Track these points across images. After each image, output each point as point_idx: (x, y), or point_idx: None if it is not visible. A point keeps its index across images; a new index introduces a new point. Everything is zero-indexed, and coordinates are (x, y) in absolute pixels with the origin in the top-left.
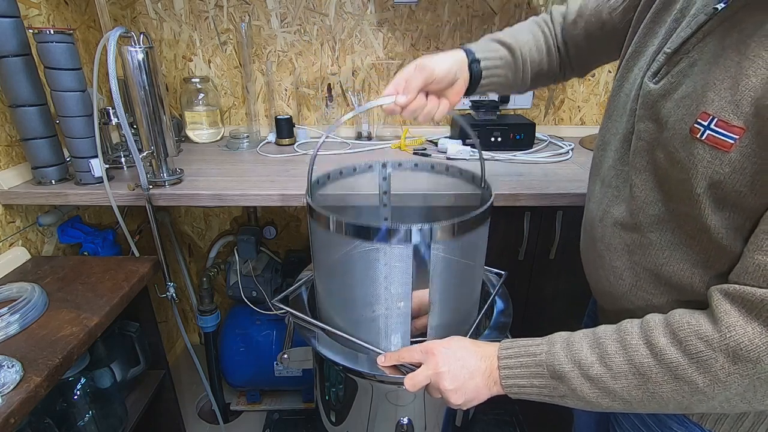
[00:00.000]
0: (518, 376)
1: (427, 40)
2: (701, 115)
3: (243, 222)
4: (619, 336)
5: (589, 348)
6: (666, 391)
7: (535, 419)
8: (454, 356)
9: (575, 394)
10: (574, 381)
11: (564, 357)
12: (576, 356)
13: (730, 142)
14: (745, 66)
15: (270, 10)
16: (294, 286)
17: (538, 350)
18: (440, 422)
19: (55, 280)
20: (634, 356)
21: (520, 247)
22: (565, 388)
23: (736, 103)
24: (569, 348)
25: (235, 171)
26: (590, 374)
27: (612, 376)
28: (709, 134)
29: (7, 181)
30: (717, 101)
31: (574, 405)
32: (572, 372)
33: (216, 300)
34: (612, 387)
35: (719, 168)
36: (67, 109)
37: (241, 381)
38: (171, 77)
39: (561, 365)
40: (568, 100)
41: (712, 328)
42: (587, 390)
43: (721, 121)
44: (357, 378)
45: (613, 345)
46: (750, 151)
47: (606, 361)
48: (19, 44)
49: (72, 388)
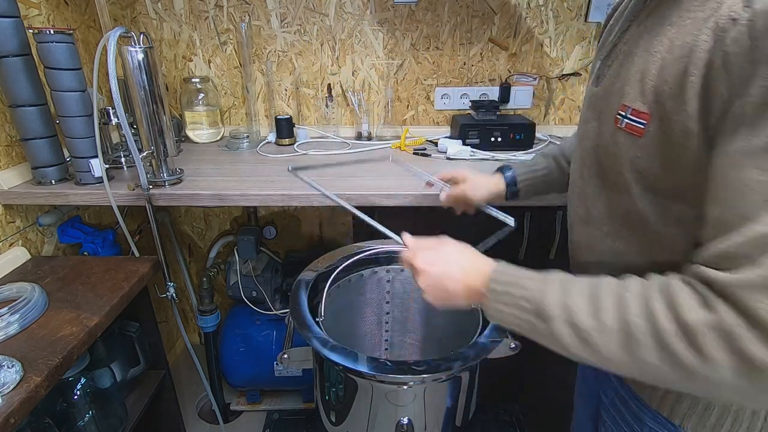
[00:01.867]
0: (502, 302)
1: (427, 40)
2: (621, 106)
3: (243, 222)
4: (618, 290)
5: (584, 296)
6: (649, 357)
7: (535, 419)
8: (444, 261)
9: (553, 337)
10: (555, 323)
11: (554, 300)
12: (568, 300)
13: (640, 127)
14: (649, 60)
15: (270, 10)
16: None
17: (530, 285)
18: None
19: (55, 280)
20: (627, 313)
21: (520, 247)
22: (545, 328)
23: (643, 92)
24: (564, 290)
25: (235, 171)
26: (575, 321)
27: (599, 329)
28: (627, 123)
29: (7, 181)
30: (631, 93)
31: (550, 346)
32: (559, 315)
33: (216, 300)
34: (594, 340)
35: (636, 152)
36: (67, 109)
37: (241, 381)
38: (171, 77)
39: (549, 307)
40: (568, 100)
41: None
42: (566, 336)
43: (634, 110)
44: (357, 378)
45: (609, 298)
46: (656, 135)
47: (598, 314)
48: (19, 44)
49: (72, 388)
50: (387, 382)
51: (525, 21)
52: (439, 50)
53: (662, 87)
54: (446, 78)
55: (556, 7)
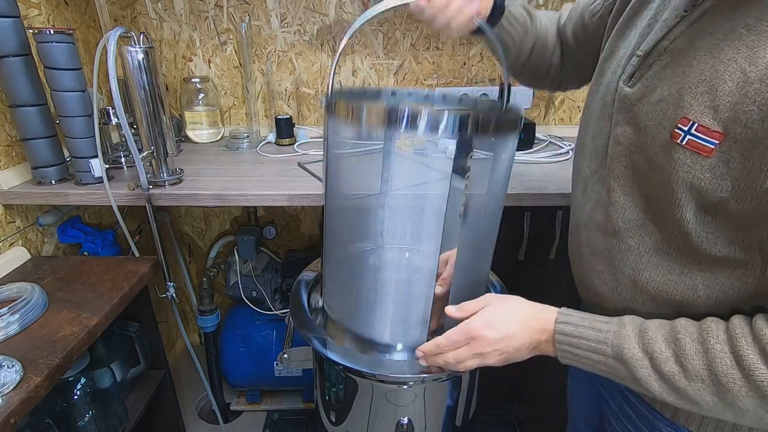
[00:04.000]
0: (576, 345)
1: (427, 40)
2: (681, 120)
3: (243, 222)
4: (701, 336)
5: (665, 342)
6: (748, 405)
7: (535, 419)
8: (500, 332)
9: (636, 381)
10: (640, 371)
11: (635, 344)
12: (649, 347)
13: (710, 147)
14: (721, 70)
15: (270, 10)
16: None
17: (606, 327)
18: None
19: (55, 280)
20: (717, 364)
21: (520, 247)
22: (626, 373)
23: (714, 108)
24: (642, 336)
25: (235, 171)
26: (661, 370)
27: (686, 377)
28: (689, 139)
29: (7, 181)
30: (696, 106)
31: (628, 385)
32: (642, 362)
33: (216, 300)
34: (683, 387)
35: (699, 173)
36: (67, 109)
37: (241, 381)
38: (171, 77)
39: (630, 350)
40: (568, 100)
41: None
42: (653, 383)
43: (701, 126)
44: (357, 378)
45: (693, 345)
46: (729, 157)
47: (682, 360)
48: (19, 44)
49: (72, 388)
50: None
51: None
52: (439, 50)
53: (749, 107)
54: (446, 78)
55: (556, 7)
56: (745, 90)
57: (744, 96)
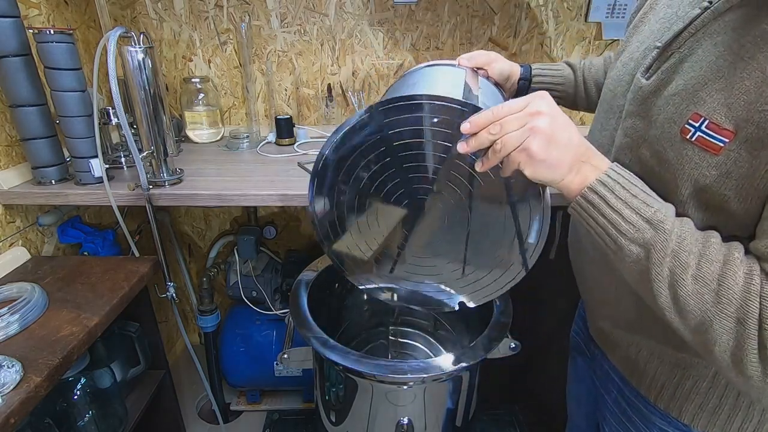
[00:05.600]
0: (612, 191)
1: (427, 40)
2: (693, 115)
3: (243, 222)
4: (726, 257)
5: (696, 241)
6: (720, 333)
7: (535, 419)
8: (563, 117)
9: (649, 248)
10: (669, 242)
11: (671, 225)
12: (682, 232)
13: (719, 145)
14: (740, 67)
15: (270, 10)
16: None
17: (649, 200)
18: (440, 422)
19: (55, 280)
20: (727, 277)
21: None
22: (652, 236)
23: (728, 105)
24: (681, 225)
25: (235, 171)
26: (680, 253)
27: (694, 276)
28: (699, 136)
29: (7, 181)
30: (709, 102)
31: (620, 268)
32: (671, 233)
33: (216, 300)
34: (685, 283)
35: (706, 171)
36: (67, 109)
37: (241, 381)
38: (171, 77)
39: (663, 222)
40: None
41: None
42: (664, 261)
43: (712, 123)
44: (357, 378)
45: (718, 254)
46: (738, 156)
47: (701, 260)
48: (19, 44)
49: (72, 388)
50: (387, 382)
51: (525, 21)
52: (439, 50)
53: (763, 107)
54: None
55: (556, 7)
56: (762, 90)
57: (760, 95)
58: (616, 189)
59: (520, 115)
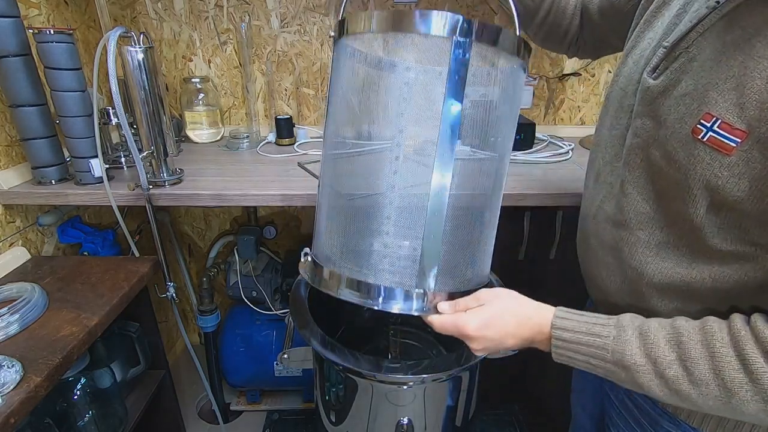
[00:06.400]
0: (573, 350)
1: None
2: (705, 116)
3: (243, 222)
4: (705, 339)
5: (667, 345)
6: (751, 409)
7: (535, 419)
8: (496, 333)
9: (637, 384)
10: (643, 376)
11: (637, 349)
12: (651, 351)
13: (732, 145)
14: (751, 67)
15: (270, 10)
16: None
17: (604, 332)
18: (440, 422)
19: (55, 280)
20: (724, 368)
21: (520, 247)
22: (628, 377)
23: (740, 105)
24: (643, 339)
25: (235, 171)
26: (665, 374)
27: (691, 381)
28: (711, 136)
29: (7, 181)
30: (721, 102)
31: (628, 387)
32: (644, 367)
33: (216, 300)
34: (687, 391)
35: (718, 171)
36: (67, 109)
37: (241, 381)
38: (171, 77)
39: (632, 356)
40: (568, 100)
41: None
42: (655, 386)
43: (724, 123)
44: (357, 378)
45: (697, 348)
46: (750, 156)
47: (686, 364)
48: (19, 44)
49: (72, 388)
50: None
51: None
52: None
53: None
54: None
55: None
56: None
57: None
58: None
59: (453, 331)
